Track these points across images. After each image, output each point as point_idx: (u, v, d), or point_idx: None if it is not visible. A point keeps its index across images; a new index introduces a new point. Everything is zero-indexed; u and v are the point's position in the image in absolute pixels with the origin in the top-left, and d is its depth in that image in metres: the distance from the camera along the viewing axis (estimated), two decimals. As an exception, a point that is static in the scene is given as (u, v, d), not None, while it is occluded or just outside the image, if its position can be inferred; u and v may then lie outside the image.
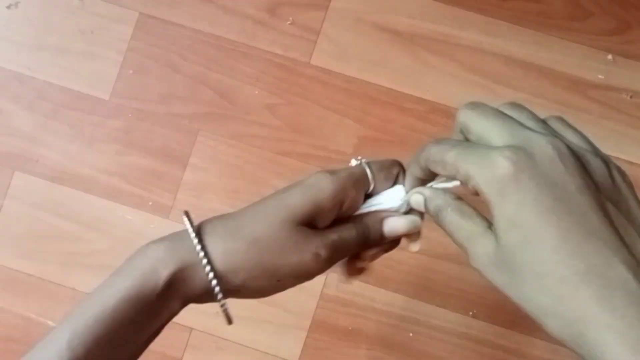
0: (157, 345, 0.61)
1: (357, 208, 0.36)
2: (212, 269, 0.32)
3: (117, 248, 0.59)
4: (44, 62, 0.61)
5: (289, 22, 0.60)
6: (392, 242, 0.37)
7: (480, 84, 0.59)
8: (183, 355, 0.57)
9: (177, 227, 0.61)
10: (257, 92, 0.59)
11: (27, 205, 0.59)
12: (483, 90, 0.59)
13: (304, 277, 0.35)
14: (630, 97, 0.59)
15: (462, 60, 0.59)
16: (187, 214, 0.34)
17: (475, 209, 0.31)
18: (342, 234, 0.35)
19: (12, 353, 0.58)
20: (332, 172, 0.34)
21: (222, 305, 0.34)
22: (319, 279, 0.58)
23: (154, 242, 0.33)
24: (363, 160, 0.36)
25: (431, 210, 0.33)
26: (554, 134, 0.29)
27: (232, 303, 0.61)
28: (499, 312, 0.57)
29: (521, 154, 0.27)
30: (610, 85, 0.59)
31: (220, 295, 0.33)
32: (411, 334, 0.56)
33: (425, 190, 0.34)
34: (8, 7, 0.62)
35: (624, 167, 0.62)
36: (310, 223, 0.34)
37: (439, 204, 0.33)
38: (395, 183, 0.37)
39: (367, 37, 0.59)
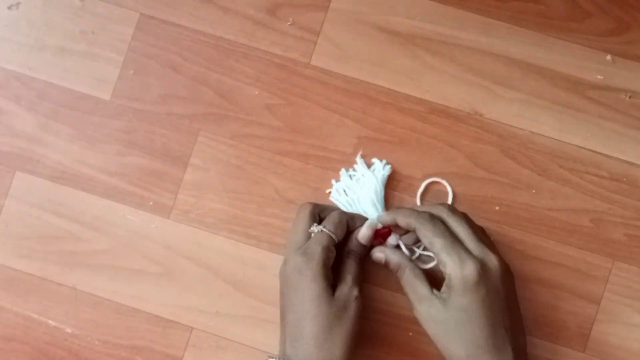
0: (158, 344, 0.61)
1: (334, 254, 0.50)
2: None
3: (118, 248, 0.59)
4: (45, 63, 0.61)
5: (289, 23, 0.60)
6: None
7: (479, 85, 0.59)
8: (184, 355, 0.58)
9: (178, 227, 0.61)
10: (257, 92, 0.60)
11: (28, 205, 0.60)
12: (482, 91, 0.59)
13: (361, 312, 0.49)
14: (629, 97, 0.59)
15: (462, 60, 0.59)
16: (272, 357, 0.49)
17: (422, 272, 0.50)
18: (350, 271, 0.50)
19: (13, 352, 0.59)
20: (306, 253, 0.49)
21: None
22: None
23: None
24: (321, 227, 0.50)
25: (391, 266, 0.51)
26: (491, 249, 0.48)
27: (231, 301, 0.62)
28: (498, 312, 0.57)
29: (483, 268, 0.45)
30: (609, 85, 0.59)
31: None
32: (411, 334, 0.56)
33: (387, 250, 0.52)
34: (9, 8, 0.62)
35: (623, 168, 0.62)
36: (330, 284, 0.48)
37: (398, 263, 0.51)
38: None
39: (367, 37, 0.60)
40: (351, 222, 0.52)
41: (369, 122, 0.59)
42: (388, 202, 0.57)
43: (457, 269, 0.44)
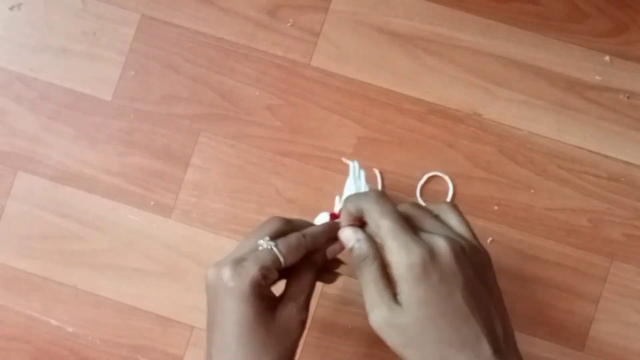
0: (159, 343, 0.62)
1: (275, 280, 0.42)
2: None
3: (119, 247, 0.59)
4: (47, 63, 0.61)
5: (289, 24, 0.60)
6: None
7: (478, 85, 0.59)
8: (185, 354, 0.58)
9: (179, 227, 0.62)
10: (257, 93, 0.60)
11: (30, 205, 0.60)
12: (481, 91, 0.59)
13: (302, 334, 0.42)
14: (628, 97, 0.59)
15: (461, 61, 0.60)
16: None
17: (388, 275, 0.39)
18: (306, 291, 0.42)
19: (15, 352, 0.59)
20: (240, 267, 0.40)
21: None
22: (319, 278, 0.59)
23: None
24: (272, 244, 0.41)
25: (356, 253, 0.40)
26: (448, 232, 0.39)
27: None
28: (497, 311, 0.57)
29: (431, 252, 0.37)
30: (607, 86, 0.59)
31: None
32: (410, 333, 0.56)
33: (359, 233, 0.41)
34: (11, 9, 0.62)
35: (621, 168, 0.63)
36: (268, 301, 0.41)
37: (366, 252, 0.40)
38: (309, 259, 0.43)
39: (367, 38, 0.60)
40: (316, 240, 0.43)
41: (368, 123, 0.59)
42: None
43: (402, 255, 0.37)
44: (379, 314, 0.38)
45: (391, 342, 0.38)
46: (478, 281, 0.38)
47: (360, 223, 0.41)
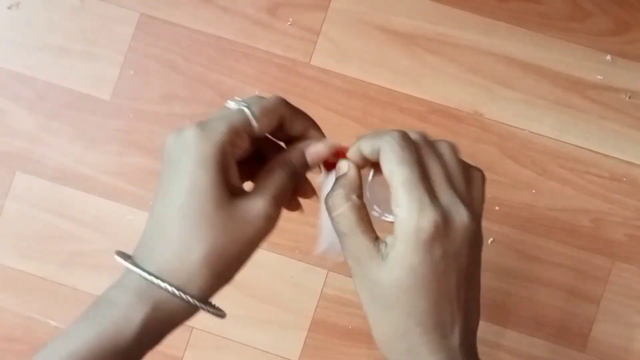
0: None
1: (246, 150, 0.34)
2: (188, 297, 0.33)
3: (118, 248, 0.59)
4: (45, 63, 0.61)
5: (289, 23, 0.60)
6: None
7: (479, 85, 0.59)
8: (184, 355, 0.58)
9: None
10: (257, 92, 0.60)
11: (28, 206, 0.60)
12: (482, 91, 0.59)
13: (265, 238, 0.35)
14: (629, 97, 0.59)
15: (462, 60, 0.59)
16: (121, 255, 0.34)
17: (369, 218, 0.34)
18: (276, 184, 0.34)
19: (13, 353, 0.59)
20: (204, 126, 0.33)
21: (210, 310, 0.35)
22: (319, 279, 0.59)
23: (115, 288, 0.33)
24: (242, 104, 0.34)
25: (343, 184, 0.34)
26: (466, 201, 0.33)
27: (231, 301, 0.61)
28: (498, 312, 0.57)
29: (446, 223, 0.31)
30: (609, 85, 0.59)
31: (206, 307, 0.34)
32: (411, 334, 0.56)
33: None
34: (9, 8, 0.62)
35: (623, 168, 0.62)
36: (232, 187, 0.33)
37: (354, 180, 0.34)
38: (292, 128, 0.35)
39: (367, 37, 0.60)
40: (295, 121, 0.36)
41: (369, 122, 0.59)
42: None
43: (413, 213, 0.31)
44: (355, 268, 0.33)
45: (360, 292, 0.33)
46: (476, 267, 0.33)
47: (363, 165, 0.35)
